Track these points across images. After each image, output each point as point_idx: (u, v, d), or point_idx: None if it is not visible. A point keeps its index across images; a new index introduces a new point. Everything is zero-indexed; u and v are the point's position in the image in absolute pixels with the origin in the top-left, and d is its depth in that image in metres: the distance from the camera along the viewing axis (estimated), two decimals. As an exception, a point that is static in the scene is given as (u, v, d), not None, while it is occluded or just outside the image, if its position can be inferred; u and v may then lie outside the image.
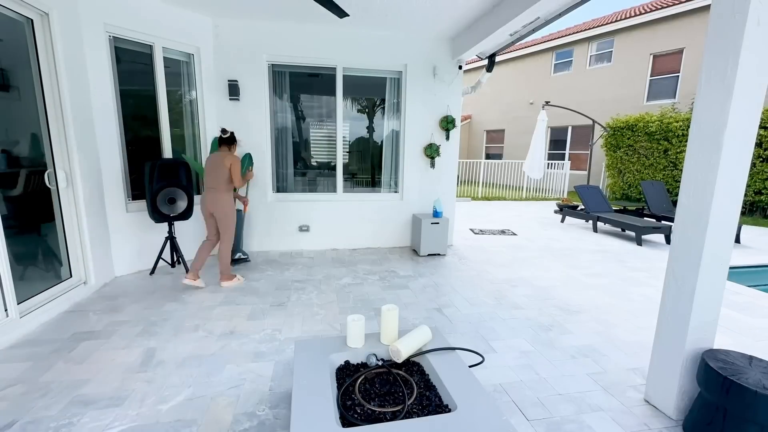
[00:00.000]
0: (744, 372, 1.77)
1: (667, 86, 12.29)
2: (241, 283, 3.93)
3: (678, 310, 2.03)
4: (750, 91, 1.76)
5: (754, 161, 8.59)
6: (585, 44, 14.58)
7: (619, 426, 1.98)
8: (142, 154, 4.17)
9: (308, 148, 5.53)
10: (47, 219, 3.26)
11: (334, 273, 4.34)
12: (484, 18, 4.31)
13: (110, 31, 3.71)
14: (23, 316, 2.78)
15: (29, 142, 3.12)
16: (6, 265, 2.60)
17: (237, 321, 3.08)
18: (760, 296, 3.85)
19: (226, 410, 2.02)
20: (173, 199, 3.97)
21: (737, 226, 4.25)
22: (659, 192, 7.66)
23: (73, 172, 3.34)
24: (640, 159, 10.92)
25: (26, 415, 1.95)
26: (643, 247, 5.90)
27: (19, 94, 3.04)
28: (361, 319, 2.00)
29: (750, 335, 3.02)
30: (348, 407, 1.58)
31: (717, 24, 1.79)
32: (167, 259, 4.35)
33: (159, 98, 4.16)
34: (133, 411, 2.00)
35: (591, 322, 3.19)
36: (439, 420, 1.47)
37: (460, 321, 3.18)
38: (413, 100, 5.23)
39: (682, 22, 11.75)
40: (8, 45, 2.93)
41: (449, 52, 5.22)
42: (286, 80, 5.09)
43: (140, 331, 2.88)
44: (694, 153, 1.92)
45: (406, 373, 1.82)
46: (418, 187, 5.47)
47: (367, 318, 3.16)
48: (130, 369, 2.38)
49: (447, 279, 4.23)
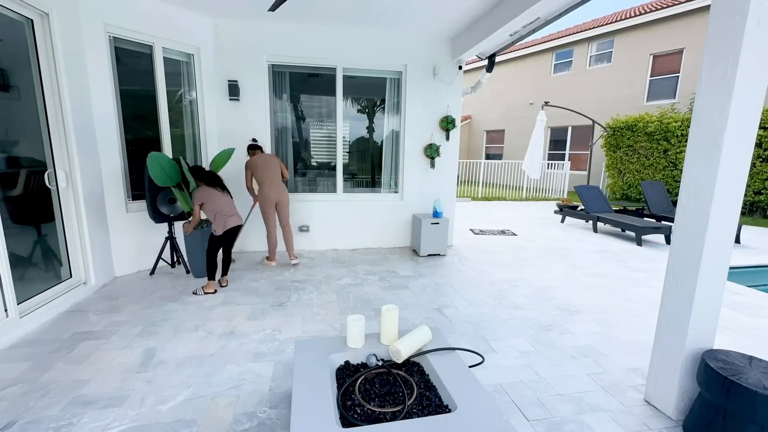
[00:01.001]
0: (744, 372, 1.77)
1: (667, 86, 12.29)
2: (276, 264, 4.59)
3: (678, 310, 2.03)
4: (750, 91, 1.76)
5: (754, 161, 8.59)
6: (585, 44, 14.58)
7: (619, 426, 1.98)
8: (142, 154, 4.16)
9: (308, 148, 5.53)
10: (47, 219, 3.26)
11: (334, 273, 4.34)
12: (484, 18, 4.31)
13: (110, 31, 3.71)
14: (23, 316, 2.78)
15: (29, 141, 3.12)
16: (6, 266, 2.60)
17: (237, 321, 3.08)
18: (760, 296, 3.85)
19: (226, 410, 2.02)
20: (173, 199, 3.97)
21: (737, 226, 4.25)
22: (659, 192, 7.66)
23: (73, 172, 3.34)
24: (639, 159, 10.92)
25: (26, 415, 1.95)
26: (643, 248, 5.90)
27: (19, 94, 3.04)
28: (361, 320, 2.00)
29: (750, 335, 3.02)
30: (348, 407, 1.58)
31: (717, 24, 1.79)
32: (167, 259, 4.35)
33: (159, 98, 4.16)
34: (133, 411, 2.00)
35: (591, 322, 3.19)
36: (439, 420, 1.47)
37: (460, 321, 3.18)
38: (413, 100, 5.23)
39: (682, 22, 11.76)
40: (8, 45, 2.93)
41: (449, 53, 5.22)
42: (286, 80, 5.09)
43: (140, 331, 2.88)
44: (694, 153, 1.92)
45: (406, 374, 1.82)
46: (418, 187, 5.47)
47: (367, 318, 3.16)
48: (130, 369, 2.38)
49: (447, 279, 4.23)
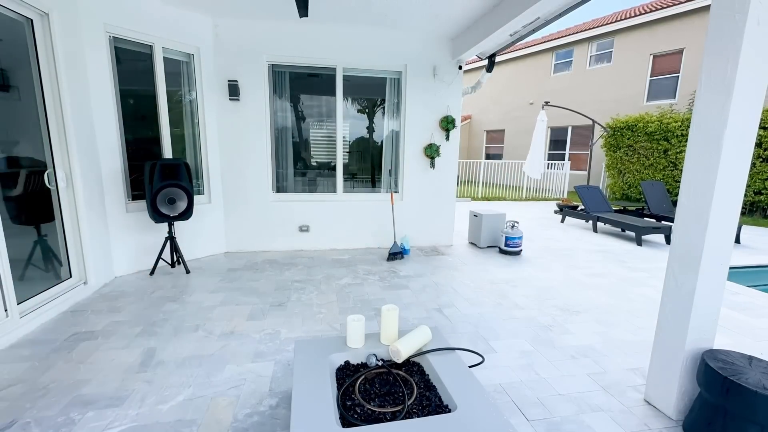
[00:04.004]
0: (744, 372, 1.77)
1: (667, 86, 12.29)
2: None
3: (678, 310, 2.03)
4: (750, 92, 1.76)
5: (754, 161, 8.60)
6: (585, 44, 14.58)
7: (619, 426, 1.98)
8: (142, 154, 4.17)
9: (308, 148, 5.52)
10: (47, 219, 3.26)
11: (334, 273, 4.34)
12: (484, 18, 4.31)
13: (110, 31, 3.71)
14: (23, 316, 2.78)
15: (29, 141, 3.12)
16: (6, 265, 2.60)
17: (237, 321, 3.08)
18: (760, 296, 3.85)
19: (226, 410, 2.02)
20: (173, 199, 3.97)
21: (737, 226, 4.26)
22: (659, 192, 7.66)
23: (72, 172, 3.34)
24: (639, 159, 10.93)
25: (26, 415, 1.95)
26: (643, 248, 5.90)
27: (19, 94, 3.04)
28: (361, 319, 2.00)
29: (750, 335, 3.02)
30: (348, 407, 1.58)
31: (717, 24, 1.79)
32: (167, 259, 4.35)
33: (159, 98, 4.15)
34: (133, 411, 2.00)
35: (591, 322, 3.19)
36: (439, 420, 1.47)
37: (460, 321, 3.18)
38: (413, 100, 5.23)
39: (682, 22, 11.76)
40: (8, 45, 2.92)
41: (449, 52, 5.22)
42: (286, 80, 5.09)
43: (140, 331, 2.88)
44: (693, 153, 1.92)
45: (406, 374, 1.82)
46: (418, 187, 5.47)
47: (367, 318, 3.16)
48: (130, 369, 2.38)
49: (447, 279, 4.22)
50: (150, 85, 4.12)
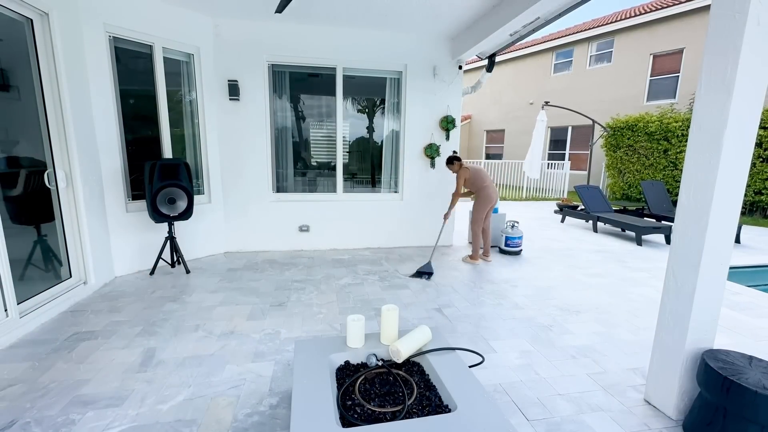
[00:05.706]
0: (744, 372, 1.77)
1: (667, 86, 12.29)
2: (479, 263, 4.84)
3: (678, 310, 2.03)
4: (750, 92, 1.76)
5: (754, 161, 8.60)
6: (585, 44, 14.58)
7: (619, 426, 1.98)
8: (142, 154, 4.17)
9: (308, 148, 5.53)
10: (47, 219, 3.26)
11: (334, 273, 4.34)
12: (484, 18, 4.31)
13: (110, 31, 3.71)
14: (23, 316, 2.78)
15: (29, 141, 3.12)
16: (6, 265, 2.60)
17: (237, 321, 3.08)
18: (760, 296, 3.85)
19: (226, 410, 2.02)
20: (173, 199, 3.97)
21: (737, 226, 4.25)
22: (659, 192, 7.66)
23: (72, 172, 3.34)
24: (640, 159, 10.93)
25: (26, 415, 1.95)
26: (643, 247, 5.90)
27: (19, 94, 3.04)
28: (361, 319, 2.00)
29: (750, 335, 3.02)
30: (348, 407, 1.58)
31: (717, 24, 1.79)
32: (167, 259, 4.35)
33: (159, 98, 4.15)
34: (133, 411, 2.00)
35: (591, 322, 3.19)
36: (439, 420, 1.47)
37: (460, 321, 3.18)
38: (413, 100, 5.23)
39: (682, 22, 11.76)
40: (8, 45, 2.92)
41: (449, 52, 5.22)
42: (286, 80, 5.09)
43: (140, 331, 2.88)
44: (694, 153, 1.92)
45: (406, 374, 1.82)
46: (418, 187, 5.47)
47: (367, 318, 3.16)
48: (130, 369, 2.38)
49: (447, 279, 4.22)
50: (150, 85, 4.12)
